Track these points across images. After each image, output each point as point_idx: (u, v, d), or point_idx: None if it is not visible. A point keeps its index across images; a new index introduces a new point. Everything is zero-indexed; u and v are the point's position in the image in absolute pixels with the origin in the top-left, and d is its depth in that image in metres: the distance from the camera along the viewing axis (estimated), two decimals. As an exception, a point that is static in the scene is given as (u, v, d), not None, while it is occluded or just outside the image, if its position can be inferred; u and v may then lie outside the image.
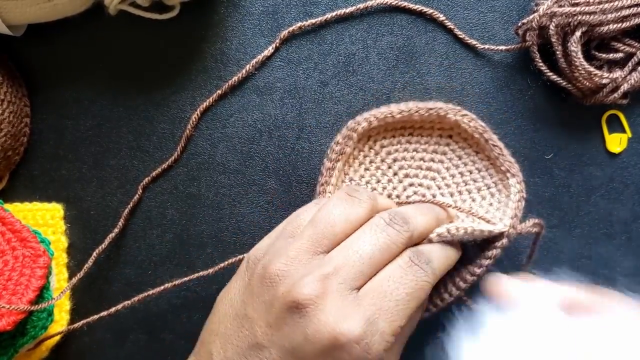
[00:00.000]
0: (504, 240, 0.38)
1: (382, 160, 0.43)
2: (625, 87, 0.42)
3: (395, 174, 0.42)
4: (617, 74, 0.42)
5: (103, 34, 0.46)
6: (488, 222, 0.39)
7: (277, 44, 0.45)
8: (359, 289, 0.33)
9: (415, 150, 0.43)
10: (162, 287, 0.42)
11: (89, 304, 0.44)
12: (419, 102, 0.41)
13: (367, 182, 0.42)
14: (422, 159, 0.43)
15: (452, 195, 0.42)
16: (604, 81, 0.41)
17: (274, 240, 0.37)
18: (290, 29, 0.45)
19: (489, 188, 0.42)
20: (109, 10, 0.42)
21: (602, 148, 0.45)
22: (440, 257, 0.36)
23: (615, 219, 0.45)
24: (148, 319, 0.45)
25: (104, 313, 0.42)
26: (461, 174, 0.42)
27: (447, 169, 0.43)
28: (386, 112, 0.41)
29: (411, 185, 0.42)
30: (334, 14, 0.45)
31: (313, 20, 0.45)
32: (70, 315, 0.44)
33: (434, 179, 0.42)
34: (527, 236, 0.41)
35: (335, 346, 0.31)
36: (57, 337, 0.43)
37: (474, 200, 0.42)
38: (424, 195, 0.42)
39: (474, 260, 0.39)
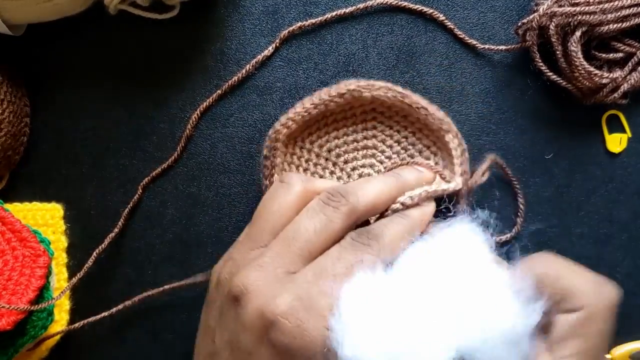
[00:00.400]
0: (461, 200, 0.39)
1: (318, 156, 0.42)
2: (625, 87, 0.42)
3: (335, 164, 0.42)
4: (617, 73, 0.42)
5: (103, 34, 0.46)
6: (444, 179, 0.39)
7: (277, 44, 0.45)
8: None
9: (345, 134, 0.42)
10: (161, 289, 0.43)
11: (89, 304, 0.44)
12: (330, 89, 0.40)
13: (313, 173, 0.42)
14: (355, 140, 0.42)
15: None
16: (604, 81, 0.41)
17: None
18: (290, 28, 0.45)
19: (429, 148, 0.42)
20: (109, 10, 0.42)
21: (602, 148, 0.45)
22: (395, 228, 0.34)
23: (615, 219, 0.45)
24: (148, 319, 0.45)
25: (105, 313, 0.42)
26: (397, 142, 0.42)
27: (383, 141, 0.42)
28: (301, 111, 0.40)
29: (354, 169, 0.42)
30: (334, 14, 0.45)
31: (313, 20, 0.45)
32: (70, 315, 0.44)
33: (373, 155, 0.42)
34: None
35: (266, 326, 0.30)
36: (57, 337, 0.43)
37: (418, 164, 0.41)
38: (369, 175, 0.41)
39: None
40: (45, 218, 0.44)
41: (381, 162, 0.42)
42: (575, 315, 0.32)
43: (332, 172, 0.42)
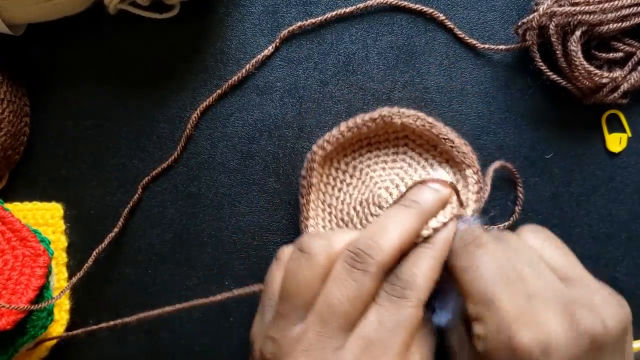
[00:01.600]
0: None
1: (351, 176, 0.43)
2: (625, 86, 0.42)
3: (365, 184, 0.43)
4: (617, 73, 0.42)
5: (103, 34, 0.46)
6: (460, 204, 0.38)
7: (277, 44, 0.45)
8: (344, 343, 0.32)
9: (376, 156, 0.43)
10: (160, 310, 0.41)
11: (88, 303, 0.44)
12: (364, 114, 0.42)
13: (343, 201, 0.43)
14: (384, 161, 0.43)
15: None
16: (604, 80, 0.41)
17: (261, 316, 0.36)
18: (290, 28, 0.45)
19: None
20: (108, 10, 0.42)
21: (602, 148, 0.45)
22: (425, 265, 0.34)
23: (615, 218, 0.45)
24: (148, 319, 0.45)
25: (103, 325, 0.42)
26: (423, 167, 0.43)
27: (410, 165, 0.43)
28: (336, 134, 0.42)
29: (380, 188, 0.42)
30: (334, 13, 0.45)
31: (313, 20, 0.45)
32: (70, 315, 0.44)
33: (402, 178, 0.42)
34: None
35: None
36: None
37: None
38: (398, 192, 0.42)
39: None
40: (45, 218, 0.44)
41: (406, 185, 0.42)
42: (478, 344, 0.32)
43: (362, 192, 0.43)
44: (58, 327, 0.43)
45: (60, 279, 0.44)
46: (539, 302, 0.31)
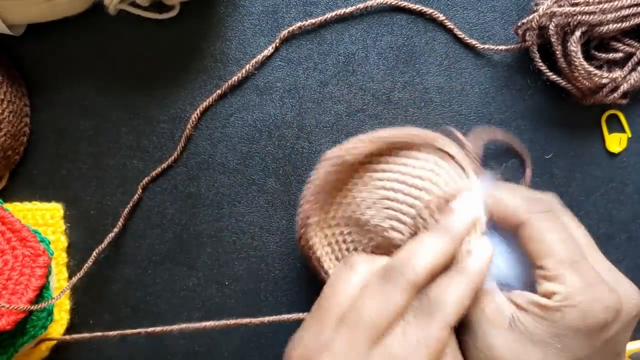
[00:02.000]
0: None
1: (347, 224, 0.40)
2: (625, 87, 0.42)
3: (374, 231, 0.39)
4: (617, 73, 0.42)
5: (103, 34, 0.46)
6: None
7: (277, 44, 0.45)
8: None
9: (353, 197, 0.40)
10: (198, 324, 0.40)
11: (88, 303, 0.44)
12: (319, 164, 0.39)
13: (352, 241, 0.40)
14: (383, 186, 0.39)
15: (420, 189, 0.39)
16: (604, 81, 0.41)
17: None
18: (290, 28, 0.45)
19: (428, 161, 0.39)
20: (108, 10, 0.42)
21: (602, 148, 0.45)
22: (456, 290, 0.34)
23: (615, 218, 0.45)
24: (148, 319, 0.45)
25: (113, 333, 0.41)
26: (397, 180, 0.38)
27: (392, 188, 0.39)
28: (311, 199, 0.39)
29: (387, 208, 0.38)
30: (333, 13, 0.45)
31: (313, 20, 0.45)
32: (70, 315, 0.44)
33: (393, 189, 0.38)
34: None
35: None
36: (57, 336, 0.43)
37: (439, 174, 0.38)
38: (411, 206, 0.38)
39: None
40: (45, 218, 0.44)
41: (393, 207, 0.38)
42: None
43: (371, 240, 0.40)
44: (58, 327, 0.43)
45: (60, 279, 0.44)
46: (602, 273, 0.34)
